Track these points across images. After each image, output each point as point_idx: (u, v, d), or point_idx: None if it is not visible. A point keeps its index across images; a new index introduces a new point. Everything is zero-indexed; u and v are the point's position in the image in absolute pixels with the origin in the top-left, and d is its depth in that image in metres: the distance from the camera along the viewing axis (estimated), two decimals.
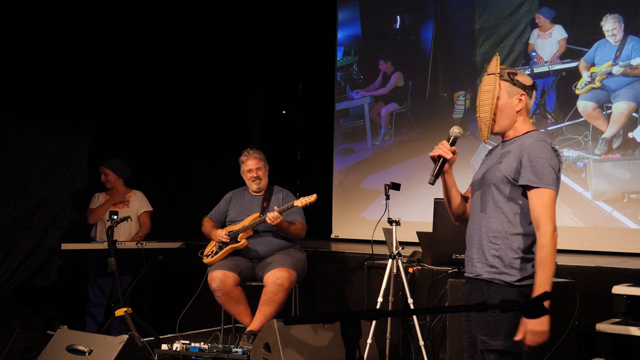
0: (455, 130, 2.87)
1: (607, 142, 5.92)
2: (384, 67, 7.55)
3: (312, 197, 4.71)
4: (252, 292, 4.99)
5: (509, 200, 2.73)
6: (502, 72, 2.81)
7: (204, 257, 5.04)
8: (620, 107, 5.87)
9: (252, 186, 5.15)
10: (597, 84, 6.01)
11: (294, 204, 4.75)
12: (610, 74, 5.94)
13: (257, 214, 4.98)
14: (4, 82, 5.98)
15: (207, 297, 4.98)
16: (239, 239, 4.93)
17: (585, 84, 6.07)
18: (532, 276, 2.68)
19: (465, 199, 3.00)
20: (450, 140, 2.85)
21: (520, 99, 2.81)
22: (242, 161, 5.18)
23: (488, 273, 2.72)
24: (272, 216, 4.73)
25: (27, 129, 6.08)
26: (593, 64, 6.05)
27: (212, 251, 5.02)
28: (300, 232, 5.02)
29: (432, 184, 2.86)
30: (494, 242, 2.73)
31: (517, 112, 2.82)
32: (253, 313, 4.83)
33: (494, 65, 2.83)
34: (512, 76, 2.81)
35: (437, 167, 2.83)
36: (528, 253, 2.71)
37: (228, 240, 4.95)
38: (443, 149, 2.81)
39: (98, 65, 6.89)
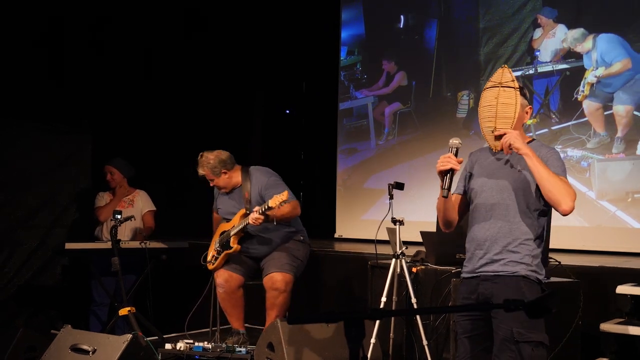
0: (455, 142, 2.99)
1: (621, 139, 5.91)
2: (388, 67, 7.54)
3: (284, 195, 4.51)
4: (254, 292, 4.99)
5: (533, 203, 2.91)
6: (521, 87, 2.95)
7: (208, 264, 5.02)
8: (624, 107, 5.86)
9: None
10: (598, 87, 6.01)
11: (269, 205, 4.55)
12: (609, 75, 5.93)
13: (243, 211, 4.88)
14: (4, 82, 5.97)
15: (211, 297, 4.99)
16: (231, 245, 4.85)
17: (586, 85, 6.07)
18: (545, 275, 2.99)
19: (456, 206, 3.11)
20: (454, 152, 2.96)
21: (527, 112, 2.99)
22: None
23: (525, 270, 2.88)
24: (253, 218, 4.62)
25: (27, 129, 6.06)
26: (596, 64, 6.04)
27: (213, 257, 5.03)
28: (292, 212, 4.77)
29: (447, 197, 2.97)
30: (526, 243, 2.90)
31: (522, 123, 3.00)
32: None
33: (511, 78, 2.93)
34: (523, 90, 2.97)
35: (449, 180, 2.93)
36: (544, 252, 3.01)
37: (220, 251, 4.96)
38: (452, 161, 2.92)
39: (99, 65, 6.88)
